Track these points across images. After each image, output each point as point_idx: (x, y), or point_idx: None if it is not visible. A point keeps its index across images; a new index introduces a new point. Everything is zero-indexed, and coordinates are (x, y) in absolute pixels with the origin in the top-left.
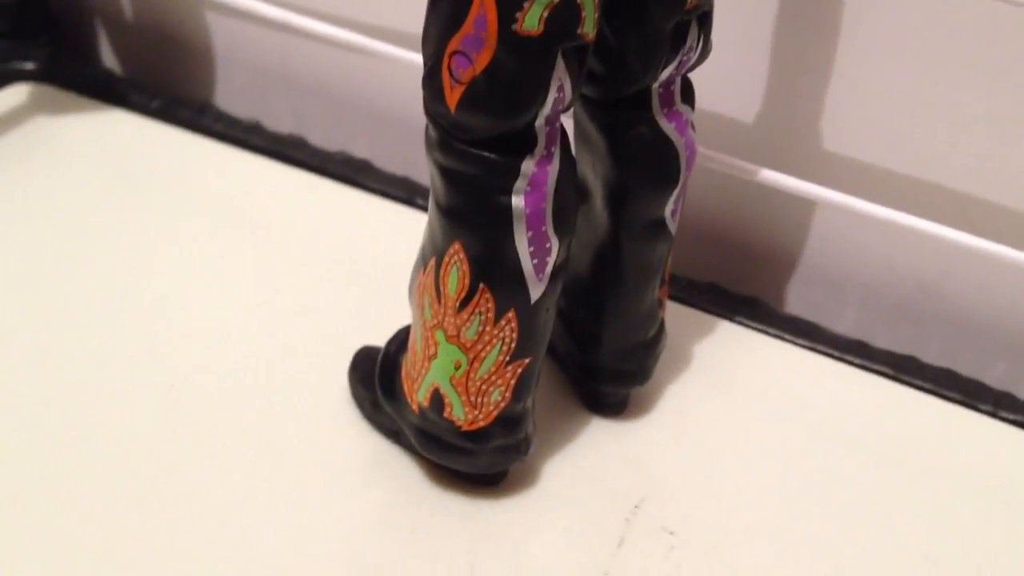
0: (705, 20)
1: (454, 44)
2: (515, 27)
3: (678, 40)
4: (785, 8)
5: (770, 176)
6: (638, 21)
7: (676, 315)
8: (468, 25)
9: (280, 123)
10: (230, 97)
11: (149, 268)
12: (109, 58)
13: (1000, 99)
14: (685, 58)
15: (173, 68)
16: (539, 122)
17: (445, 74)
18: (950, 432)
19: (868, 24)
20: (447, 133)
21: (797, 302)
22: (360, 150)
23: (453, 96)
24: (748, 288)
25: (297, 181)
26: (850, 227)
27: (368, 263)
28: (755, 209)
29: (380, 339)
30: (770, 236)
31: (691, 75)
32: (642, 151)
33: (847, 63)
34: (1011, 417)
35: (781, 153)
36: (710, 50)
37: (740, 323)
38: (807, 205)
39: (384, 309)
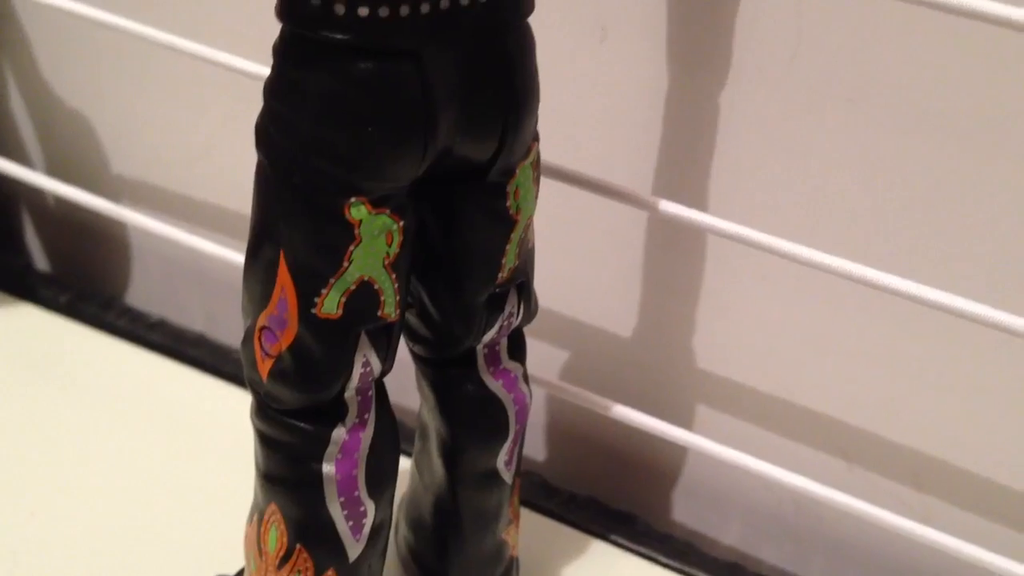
0: (524, 288)
1: (262, 320)
2: (314, 311)
3: (496, 308)
4: (657, 236)
5: (641, 419)
6: (453, 293)
7: (548, 534)
8: (272, 306)
9: (192, 319)
10: (144, 290)
11: (34, 461)
12: (34, 244)
13: (868, 331)
14: (506, 323)
15: (92, 258)
16: (348, 393)
17: (256, 346)
18: None
19: (736, 254)
20: (262, 400)
21: (682, 514)
22: None
23: (264, 367)
24: (630, 502)
25: (193, 380)
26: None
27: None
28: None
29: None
30: (650, 450)
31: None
32: (469, 409)
33: (718, 288)
34: None
35: (656, 377)
36: (535, 311)
37: (614, 542)
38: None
39: None
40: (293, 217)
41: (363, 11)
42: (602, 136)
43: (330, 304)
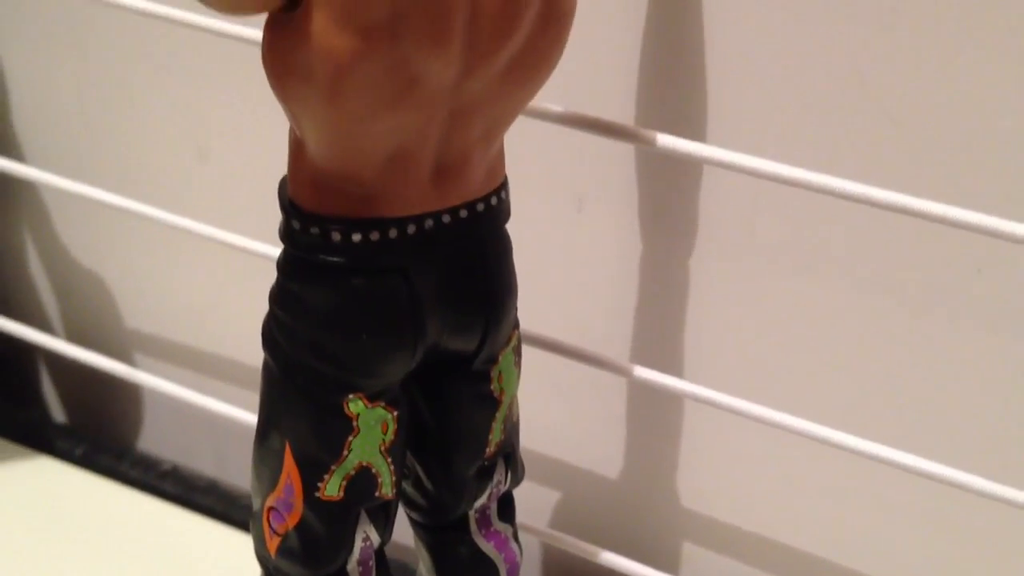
0: (510, 457)
1: (270, 501)
2: (318, 494)
3: (486, 478)
4: (637, 392)
5: (629, 566)
6: (445, 467)
7: None
8: (279, 489)
9: (202, 462)
10: (156, 434)
11: None
12: (50, 393)
13: (849, 471)
14: (495, 490)
15: (105, 406)
16: (351, 565)
17: (265, 524)
18: None
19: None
20: (271, 574)
21: None
22: None
23: (272, 544)
24: None
25: (205, 528)
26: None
27: None
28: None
29: None
30: None
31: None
32: (463, 570)
33: (698, 430)
34: None
35: (644, 516)
36: (521, 476)
37: None
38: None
39: None
40: (297, 412)
41: (356, 237)
42: (579, 300)
43: (332, 488)
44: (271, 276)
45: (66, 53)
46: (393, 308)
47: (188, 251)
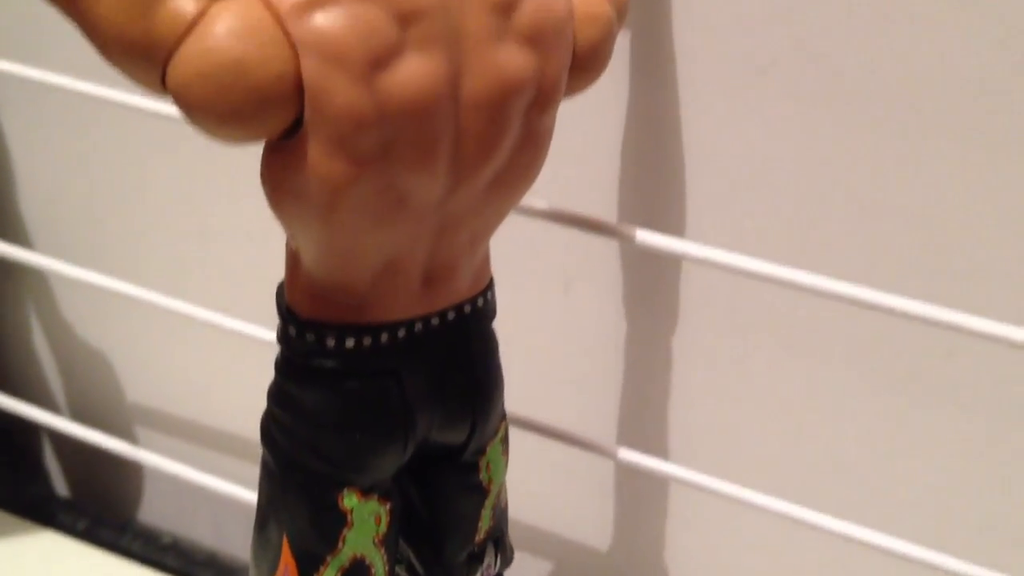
0: (499, 541)
1: None
2: None
3: (476, 561)
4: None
5: None
6: (436, 553)
7: None
8: None
9: (202, 533)
10: (156, 506)
11: None
12: (53, 466)
13: (832, 546)
14: (485, 573)
15: (107, 479)
16: None
17: None
18: None
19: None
20: None
21: None
22: None
23: None
24: None
25: None
26: None
27: None
28: None
29: None
30: None
31: None
32: None
33: (685, 504)
34: None
35: None
36: (511, 558)
37: None
38: None
39: None
40: (294, 506)
41: (350, 343)
42: (566, 380)
43: None
44: (268, 352)
45: (71, 138)
46: (386, 408)
47: (189, 329)
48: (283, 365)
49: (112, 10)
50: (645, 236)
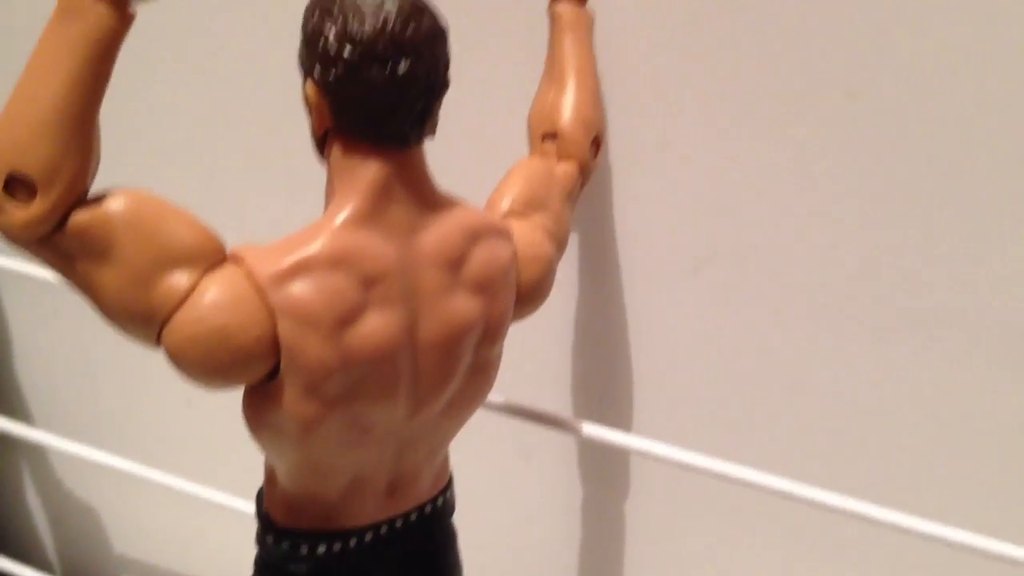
0: None
1: None
2: None
3: None
4: None
5: None
6: None
7: None
8: None
9: None
10: None
11: None
12: None
13: None
14: None
15: None
16: None
17: None
18: None
19: None
20: None
21: None
22: None
23: None
24: None
25: None
26: None
27: None
28: None
29: None
30: None
31: None
32: None
33: None
34: None
35: None
36: None
37: None
38: None
39: None
40: None
41: (321, 549)
42: (527, 543)
43: None
44: (246, 516)
45: (68, 322)
46: None
47: (174, 493)
48: (261, 565)
49: (116, 285)
50: (591, 429)
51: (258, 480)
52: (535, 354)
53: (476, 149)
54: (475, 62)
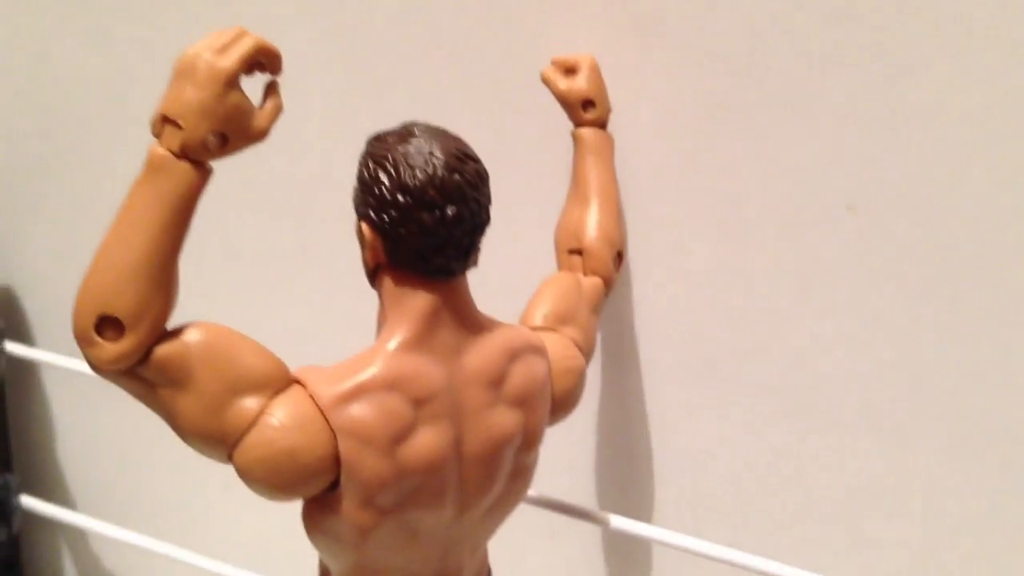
0: None
1: None
2: None
3: None
4: None
5: None
6: None
7: None
8: None
9: None
10: None
11: None
12: None
13: None
14: None
15: None
16: None
17: None
18: None
19: None
20: None
21: None
22: None
23: None
24: None
25: None
26: None
27: None
28: None
29: None
30: None
31: None
32: None
33: None
34: None
35: None
36: None
37: None
38: None
39: None
40: None
41: None
42: None
43: None
44: None
45: (106, 406)
46: None
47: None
48: None
49: (192, 411)
50: (618, 521)
51: (293, 561)
52: (563, 448)
53: (509, 263)
54: (507, 186)
